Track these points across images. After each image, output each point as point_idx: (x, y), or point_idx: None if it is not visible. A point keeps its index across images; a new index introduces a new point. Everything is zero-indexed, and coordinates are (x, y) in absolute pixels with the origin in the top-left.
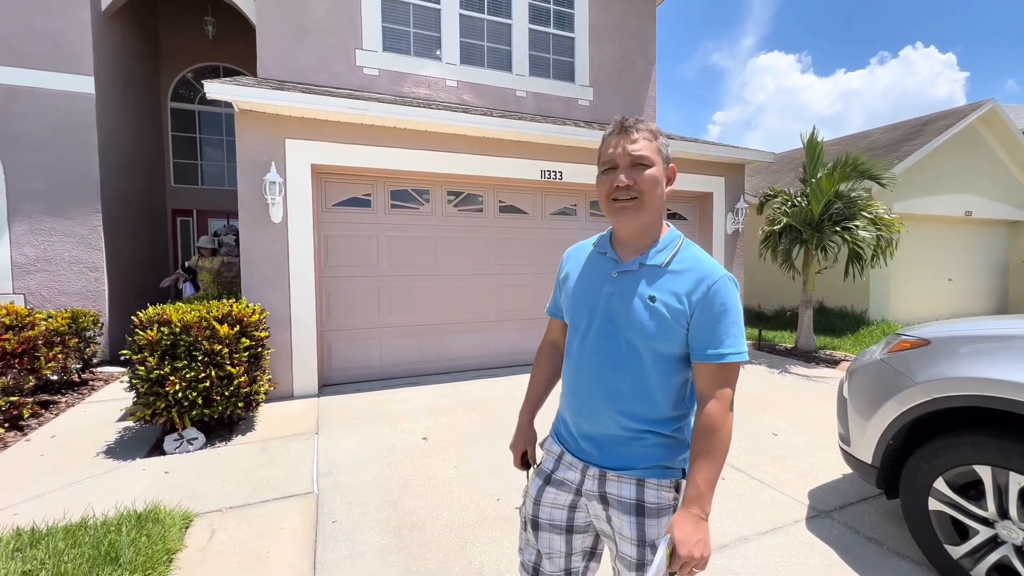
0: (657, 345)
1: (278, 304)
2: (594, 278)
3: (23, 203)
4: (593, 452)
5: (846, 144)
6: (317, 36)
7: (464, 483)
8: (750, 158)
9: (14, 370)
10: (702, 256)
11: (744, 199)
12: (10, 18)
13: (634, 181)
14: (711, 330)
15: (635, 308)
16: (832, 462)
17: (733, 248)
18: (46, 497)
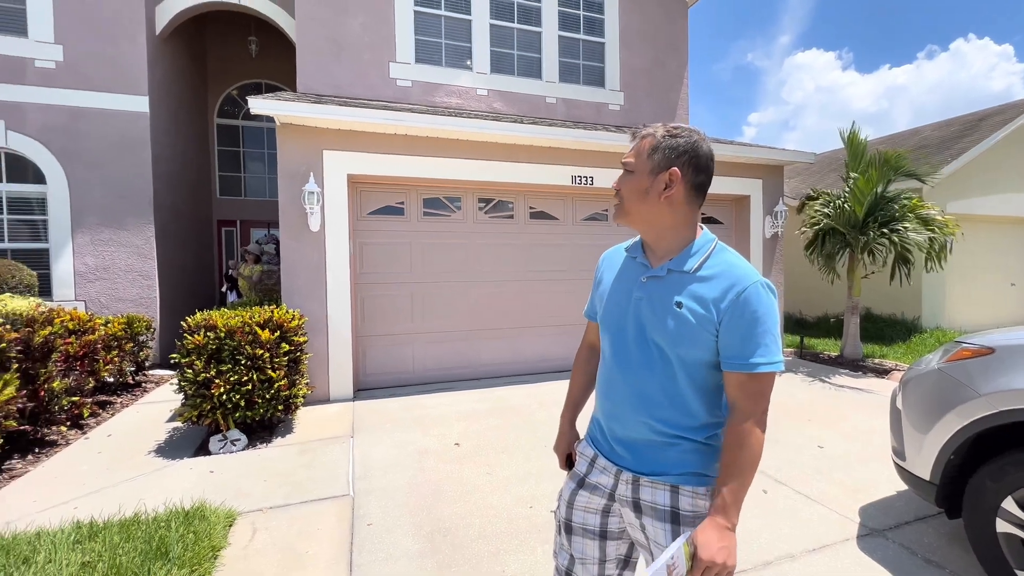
0: (684, 351)
1: (316, 310)
2: (625, 283)
3: (85, 216)
4: (626, 456)
5: (893, 142)
6: (353, 51)
7: (497, 490)
8: (789, 159)
9: (76, 372)
10: (735, 261)
11: (783, 202)
12: (78, 45)
13: (619, 186)
14: (742, 338)
15: (661, 313)
16: (884, 477)
17: (772, 252)
18: (103, 492)
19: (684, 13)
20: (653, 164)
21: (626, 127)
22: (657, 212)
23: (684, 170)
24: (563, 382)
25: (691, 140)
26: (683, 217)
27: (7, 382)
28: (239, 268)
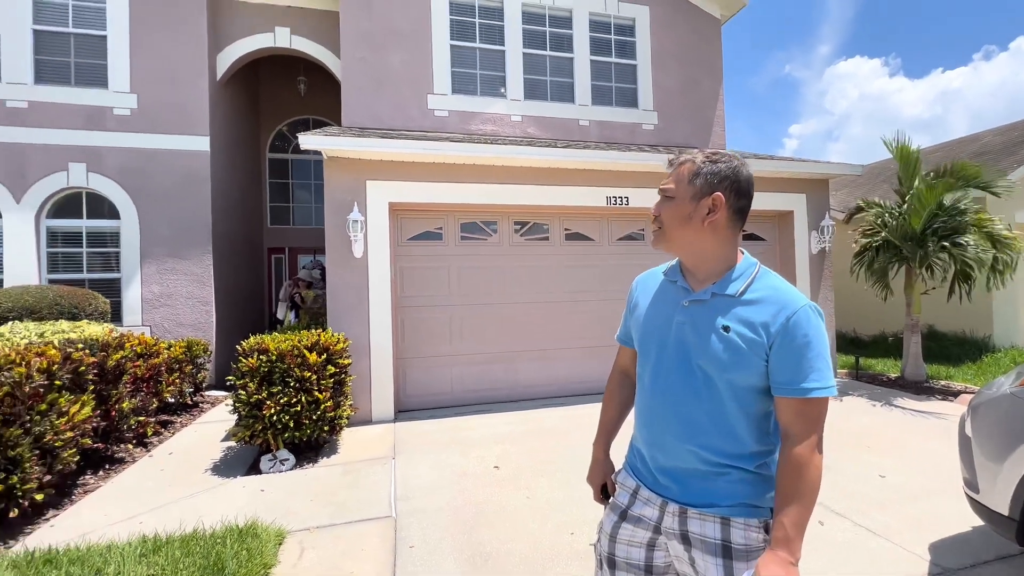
0: (733, 376)
1: (359, 333)
2: (665, 307)
3: (152, 247)
4: (672, 487)
5: (949, 150)
6: (393, 86)
7: (537, 514)
8: (834, 172)
9: (142, 393)
10: (781, 285)
11: (829, 216)
12: (150, 93)
13: (658, 212)
14: (794, 363)
15: (708, 338)
16: (955, 511)
17: (820, 269)
18: (165, 508)
19: (717, 32)
20: (695, 190)
21: (660, 146)
22: (700, 237)
23: (727, 195)
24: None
25: (732, 165)
26: (725, 241)
27: (84, 403)
28: (287, 291)
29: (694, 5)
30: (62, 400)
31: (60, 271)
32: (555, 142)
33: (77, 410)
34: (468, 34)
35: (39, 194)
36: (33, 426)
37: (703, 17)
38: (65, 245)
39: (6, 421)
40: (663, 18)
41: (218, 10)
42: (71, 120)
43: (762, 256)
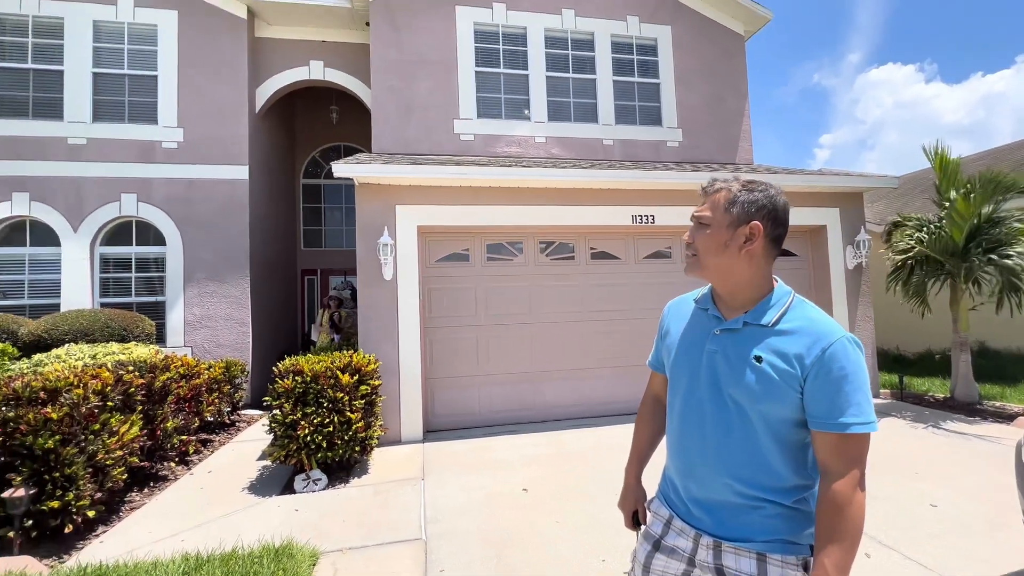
0: (766, 408)
1: (389, 353)
2: (696, 335)
3: (194, 271)
4: (705, 519)
5: (995, 157)
6: (421, 112)
7: (567, 539)
8: (868, 185)
9: (184, 412)
10: (816, 316)
11: (865, 230)
12: (195, 127)
13: (692, 239)
14: (831, 397)
15: (740, 368)
16: (1015, 545)
17: (857, 285)
18: (205, 527)
19: (741, 47)
20: (732, 218)
21: (686, 163)
22: (735, 265)
23: (764, 223)
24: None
25: (769, 194)
26: (759, 269)
27: (133, 422)
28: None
29: (716, 23)
30: (113, 420)
31: (111, 295)
32: (579, 162)
33: (126, 429)
34: (492, 60)
35: (94, 223)
36: (87, 445)
37: (726, 34)
38: (115, 271)
39: (64, 440)
40: (685, 37)
41: (258, 48)
42: (124, 154)
43: (795, 273)
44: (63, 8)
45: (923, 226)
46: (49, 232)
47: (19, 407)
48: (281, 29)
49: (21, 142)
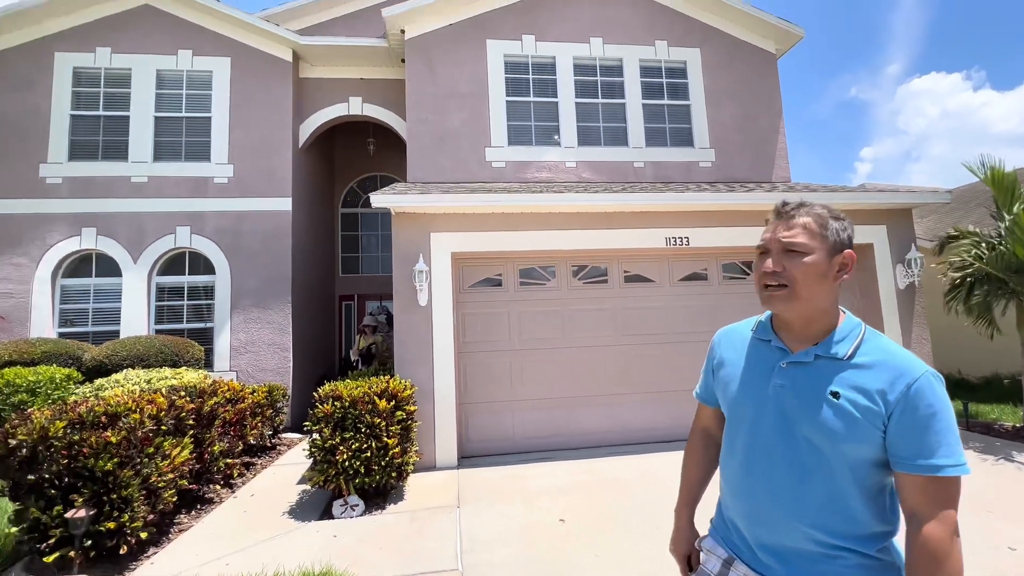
0: (846, 448)
1: (424, 379)
2: (758, 368)
3: (241, 299)
4: (776, 567)
5: None
6: (454, 142)
7: (606, 573)
8: (917, 201)
9: (229, 436)
10: (894, 348)
11: (916, 247)
12: (244, 163)
13: (783, 268)
14: (920, 437)
15: (814, 405)
16: None
17: (910, 306)
18: (248, 551)
19: (773, 66)
20: (829, 245)
21: (720, 183)
22: (825, 295)
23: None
24: (667, 454)
25: (847, 222)
26: (836, 299)
27: (184, 446)
28: (358, 342)
29: (747, 43)
30: (166, 444)
31: (165, 322)
32: (610, 185)
33: (178, 453)
34: (522, 90)
35: (152, 255)
36: (142, 468)
37: (757, 53)
38: (169, 299)
39: (122, 463)
40: (715, 58)
41: (301, 87)
42: (180, 190)
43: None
44: (131, 60)
45: (982, 241)
46: (112, 264)
47: (83, 430)
48: (323, 69)
49: (92, 182)
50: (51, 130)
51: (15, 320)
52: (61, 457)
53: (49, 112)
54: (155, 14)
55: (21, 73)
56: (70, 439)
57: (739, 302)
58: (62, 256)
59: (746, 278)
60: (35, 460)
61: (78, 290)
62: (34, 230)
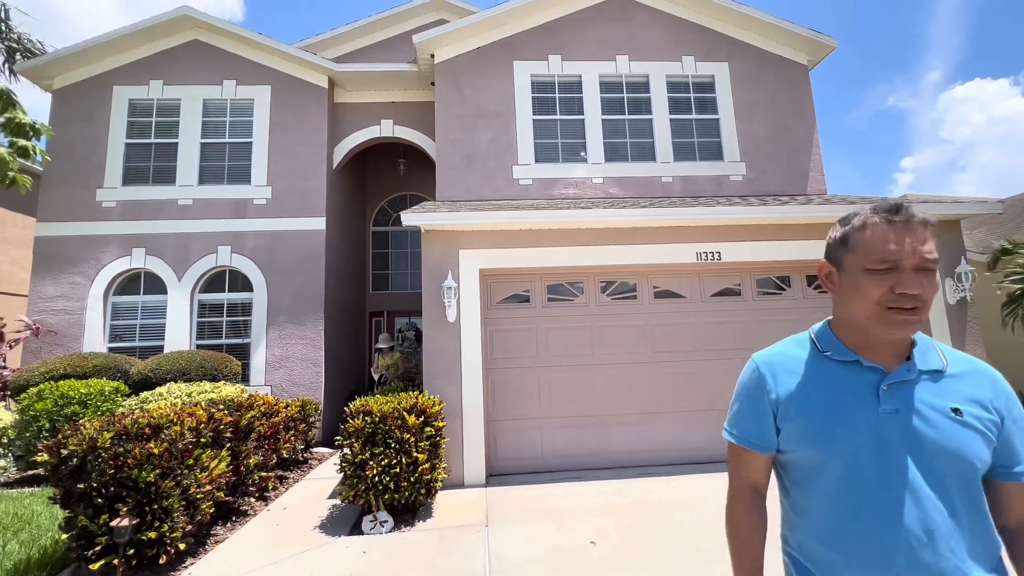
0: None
1: (452, 395)
2: (847, 394)
3: (276, 315)
4: None
5: None
6: (481, 161)
7: None
8: (965, 211)
9: (263, 449)
10: (961, 352)
11: (966, 260)
12: (281, 185)
13: (922, 289)
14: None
15: (943, 426)
16: None
17: (962, 322)
18: (280, 564)
19: (805, 77)
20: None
21: (752, 196)
22: None
23: None
24: (700, 476)
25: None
26: None
27: (222, 458)
28: (376, 360)
29: (777, 55)
30: (205, 456)
31: (205, 337)
32: (638, 200)
33: (215, 465)
34: (549, 108)
35: (195, 273)
36: (182, 479)
37: (788, 65)
38: (210, 315)
39: (163, 474)
40: (744, 72)
41: (336, 111)
42: (222, 211)
43: None
44: (180, 91)
45: None
46: (158, 282)
47: (128, 442)
48: (356, 94)
49: (143, 205)
50: (108, 157)
51: (69, 335)
52: (108, 467)
53: (107, 141)
54: (202, 47)
55: (84, 106)
56: (116, 450)
57: (774, 318)
58: (114, 275)
59: (781, 294)
60: (84, 469)
61: (127, 307)
62: (90, 250)
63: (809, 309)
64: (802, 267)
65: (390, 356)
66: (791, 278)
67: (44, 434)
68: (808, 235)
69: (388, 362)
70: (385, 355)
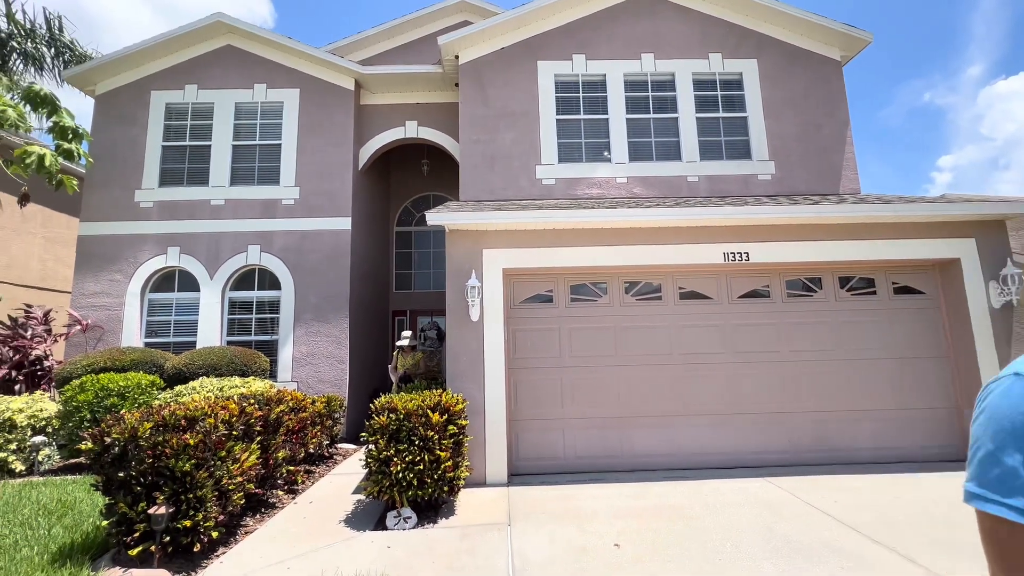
0: None
1: (474, 393)
2: None
3: (303, 313)
4: None
5: None
6: (504, 161)
7: None
8: (1010, 211)
9: (291, 443)
10: None
11: (1012, 262)
12: (308, 186)
13: None
14: None
15: None
16: None
17: (1007, 326)
18: (308, 556)
19: (838, 73)
20: None
21: (781, 196)
22: None
23: None
24: (726, 482)
25: None
26: None
27: (252, 451)
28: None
29: (808, 51)
30: (237, 448)
31: (235, 334)
32: (663, 200)
33: (246, 457)
34: (572, 108)
35: (226, 271)
36: (215, 470)
37: (820, 61)
38: (240, 313)
39: (198, 464)
40: (773, 68)
41: (362, 113)
42: (252, 211)
43: (922, 313)
44: (214, 95)
45: None
46: (191, 279)
47: (165, 432)
48: (382, 96)
49: (178, 205)
50: (146, 159)
51: (109, 330)
52: (147, 456)
53: (145, 144)
54: (234, 53)
55: (124, 110)
56: (155, 439)
57: (805, 320)
58: (150, 272)
59: (812, 296)
60: (125, 458)
61: (162, 304)
62: (128, 249)
63: (841, 312)
64: (835, 268)
65: (412, 356)
66: (823, 279)
67: (86, 424)
68: (842, 235)
69: (410, 362)
70: (407, 354)
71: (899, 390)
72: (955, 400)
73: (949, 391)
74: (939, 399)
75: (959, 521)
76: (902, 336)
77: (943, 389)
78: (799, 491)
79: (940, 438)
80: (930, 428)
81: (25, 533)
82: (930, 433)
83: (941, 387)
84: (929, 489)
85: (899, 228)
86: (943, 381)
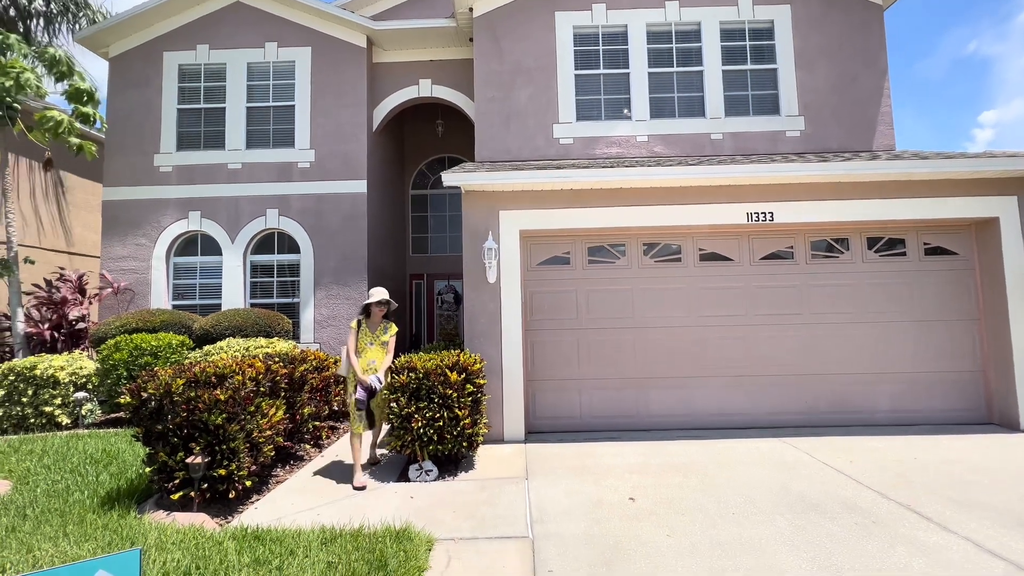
0: None
1: (492, 354)
2: None
3: (322, 276)
4: None
5: None
6: (520, 119)
7: (682, 556)
8: None
9: (316, 401)
10: None
11: None
12: (324, 149)
13: None
14: None
15: None
16: None
17: None
18: (335, 504)
19: (878, 18)
20: None
21: (810, 153)
22: None
23: None
24: (743, 441)
25: None
26: None
27: (279, 407)
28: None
29: None
30: (264, 404)
31: (258, 296)
32: (685, 159)
33: (274, 412)
34: (591, 62)
35: (247, 235)
36: (245, 424)
37: (859, 5)
38: (261, 276)
39: (229, 418)
40: (808, 14)
41: (375, 72)
42: (268, 175)
43: (955, 275)
44: (225, 55)
45: None
46: (213, 243)
47: (197, 388)
48: (394, 53)
49: (195, 169)
50: (162, 123)
51: (138, 293)
52: (181, 410)
53: (160, 107)
54: (244, 9)
55: (138, 73)
56: (188, 395)
57: (827, 282)
58: (174, 236)
59: (839, 258)
60: (161, 412)
61: (187, 267)
62: (152, 213)
63: (867, 273)
64: (864, 228)
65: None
66: (850, 240)
67: (123, 381)
68: (873, 194)
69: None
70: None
71: (923, 353)
72: (981, 363)
73: (976, 354)
74: (965, 362)
75: (976, 481)
76: (930, 298)
77: (970, 352)
78: (815, 451)
79: (964, 401)
80: (954, 391)
81: (76, 479)
82: (954, 396)
83: (968, 350)
84: (948, 450)
85: (935, 186)
86: (970, 344)
